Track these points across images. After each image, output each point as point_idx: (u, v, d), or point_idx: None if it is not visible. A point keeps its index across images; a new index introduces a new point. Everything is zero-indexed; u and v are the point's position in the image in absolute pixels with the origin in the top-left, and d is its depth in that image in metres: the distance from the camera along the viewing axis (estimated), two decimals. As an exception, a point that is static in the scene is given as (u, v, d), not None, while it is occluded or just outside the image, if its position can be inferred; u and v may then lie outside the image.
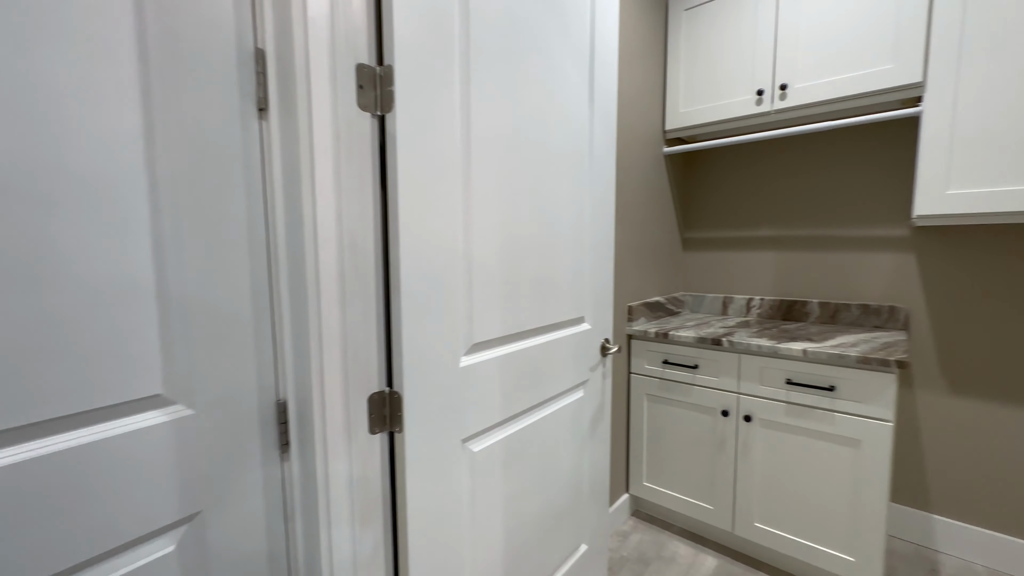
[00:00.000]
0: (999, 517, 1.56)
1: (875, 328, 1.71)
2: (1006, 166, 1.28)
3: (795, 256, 1.91)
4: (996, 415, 1.54)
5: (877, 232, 1.72)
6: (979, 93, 1.31)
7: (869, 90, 1.47)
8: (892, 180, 1.69)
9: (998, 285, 1.52)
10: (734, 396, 1.56)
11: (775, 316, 1.95)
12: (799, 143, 1.88)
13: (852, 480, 1.36)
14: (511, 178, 0.97)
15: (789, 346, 1.43)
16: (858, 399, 1.33)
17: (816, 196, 1.85)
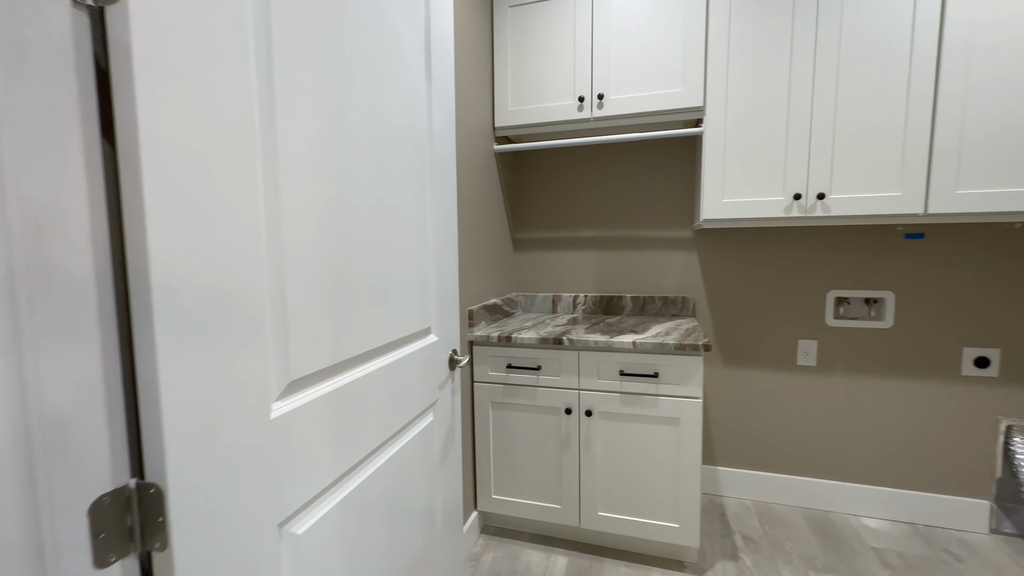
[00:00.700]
0: (759, 459, 1.98)
1: (673, 316, 1.99)
2: (760, 181, 1.60)
3: (611, 255, 2.09)
4: (755, 377, 1.95)
5: (672, 234, 2.01)
6: (740, 121, 1.61)
7: (666, 108, 1.67)
8: (683, 189, 1.99)
9: (751, 275, 1.93)
10: (576, 393, 1.59)
11: (597, 311, 2.10)
12: (615, 151, 2.06)
13: (674, 454, 1.51)
14: (338, 156, 0.72)
15: (621, 339, 1.52)
16: (676, 382, 1.49)
17: (628, 201, 2.06)
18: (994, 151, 1.40)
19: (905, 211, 1.48)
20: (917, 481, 1.81)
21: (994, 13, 1.37)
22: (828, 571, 1.55)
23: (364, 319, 0.82)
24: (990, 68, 1.39)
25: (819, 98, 1.52)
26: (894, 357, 1.80)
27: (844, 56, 1.49)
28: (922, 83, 1.44)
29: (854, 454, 1.86)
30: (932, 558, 1.60)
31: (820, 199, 1.54)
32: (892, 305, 1.78)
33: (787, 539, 1.71)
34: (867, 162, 1.50)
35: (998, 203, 1.41)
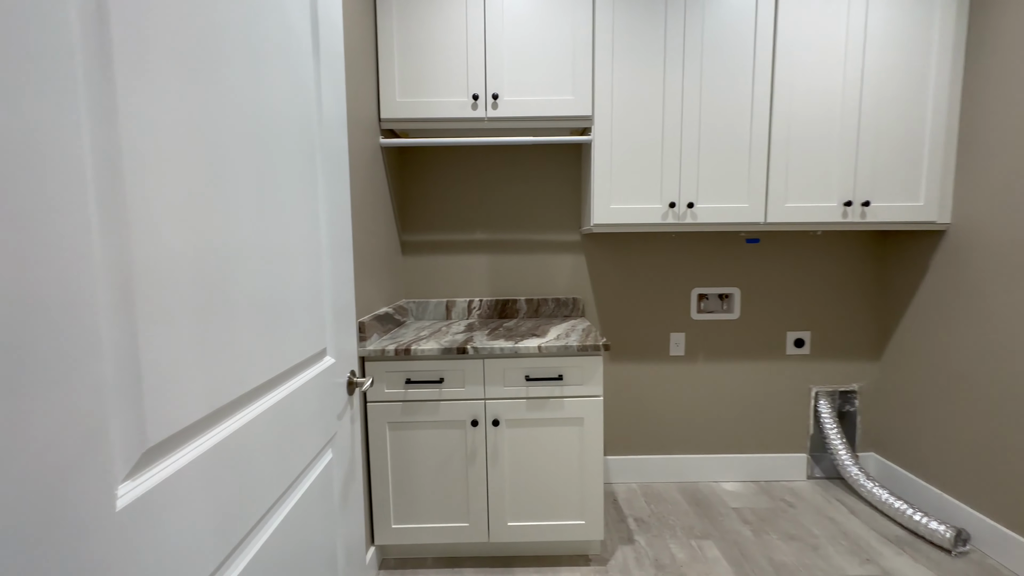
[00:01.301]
0: (641, 444, 2.15)
1: (566, 317, 2.05)
2: (641, 190, 1.73)
3: (505, 259, 2.07)
4: (635, 369, 2.12)
5: (562, 237, 2.07)
6: (624, 132, 1.72)
7: (558, 115, 1.70)
8: (572, 194, 2.06)
9: (631, 275, 2.09)
10: (481, 403, 1.52)
11: (493, 315, 2.06)
12: (510, 153, 2.04)
13: (579, 453, 1.55)
14: (211, 149, 0.54)
15: (527, 344, 1.50)
16: (579, 382, 1.52)
17: (521, 204, 2.06)
18: (808, 175, 1.74)
19: (752, 220, 1.75)
20: (757, 445, 2.16)
21: (804, 92, 1.70)
22: (706, 537, 1.75)
23: (249, 346, 0.63)
24: (806, 114, 1.71)
25: (687, 114, 1.71)
26: (741, 343, 2.12)
27: (706, 84, 1.70)
28: (761, 116, 1.71)
29: (713, 429, 2.15)
30: (774, 508, 1.93)
31: (690, 207, 1.73)
32: (739, 299, 2.10)
33: (670, 514, 1.90)
34: (724, 176, 1.73)
35: (811, 215, 1.75)
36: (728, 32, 1.68)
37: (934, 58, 1.70)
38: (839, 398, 2.16)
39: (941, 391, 1.82)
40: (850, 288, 2.10)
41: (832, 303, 2.11)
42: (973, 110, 1.68)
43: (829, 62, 1.70)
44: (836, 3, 1.67)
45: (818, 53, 1.69)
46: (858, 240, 2.08)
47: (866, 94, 1.71)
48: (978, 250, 1.67)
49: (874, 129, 1.72)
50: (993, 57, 1.61)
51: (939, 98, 1.72)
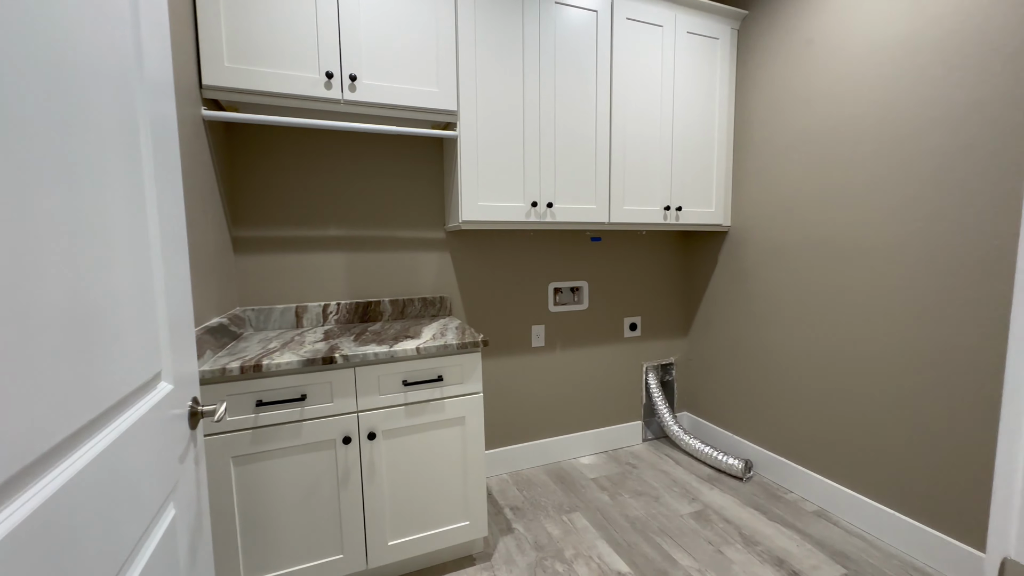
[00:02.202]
0: (510, 435, 2.23)
1: (434, 317, 1.99)
2: (506, 188, 1.79)
3: (366, 257, 1.90)
4: (501, 363, 2.19)
5: (427, 234, 2.00)
6: (490, 130, 1.75)
7: (423, 106, 1.64)
8: (435, 189, 2.00)
9: (495, 272, 2.14)
10: (354, 417, 1.36)
11: (354, 319, 1.88)
12: (369, 143, 1.87)
13: (462, 453, 1.52)
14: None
15: (403, 347, 1.40)
16: (459, 381, 1.49)
17: (382, 199, 1.91)
18: (639, 183, 2.04)
19: (599, 219, 1.97)
20: (605, 419, 2.45)
21: (634, 107, 1.99)
22: (573, 510, 1.90)
23: (55, 380, 0.44)
24: (636, 131, 2.00)
25: (545, 118, 1.83)
26: (589, 330, 2.37)
27: (559, 92, 1.84)
28: (603, 129, 1.93)
29: (570, 410, 2.36)
30: (623, 472, 2.22)
31: (550, 207, 1.86)
32: (587, 291, 2.35)
33: (541, 496, 2.01)
34: (577, 179, 1.91)
35: (642, 216, 2.06)
36: (576, 49, 1.85)
37: (716, 95, 2.17)
38: (661, 370, 2.60)
39: (727, 356, 2.35)
40: (666, 278, 2.54)
41: (655, 291, 2.52)
42: (740, 140, 2.21)
43: (650, 91, 2.01)
44: (653, 45, 2.00)
45: (643, 82, 1.99)
46: (671, 239, 2.53)
47: (676, 121, 2.08)
48: (747, 246, 2.20)
49: (682, 150, 2.11)
50: (749, 100, 2.14)
51: (721, 128, 2.20)
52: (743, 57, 2.17)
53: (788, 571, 1.54)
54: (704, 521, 1.82)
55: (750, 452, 2.23)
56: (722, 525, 1.79)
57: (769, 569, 1.55)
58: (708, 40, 2.12)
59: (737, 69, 2.21)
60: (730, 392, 2.35)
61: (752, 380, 2.21)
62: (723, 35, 2.15)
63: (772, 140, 2.05)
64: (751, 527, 1.78)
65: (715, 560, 1.60)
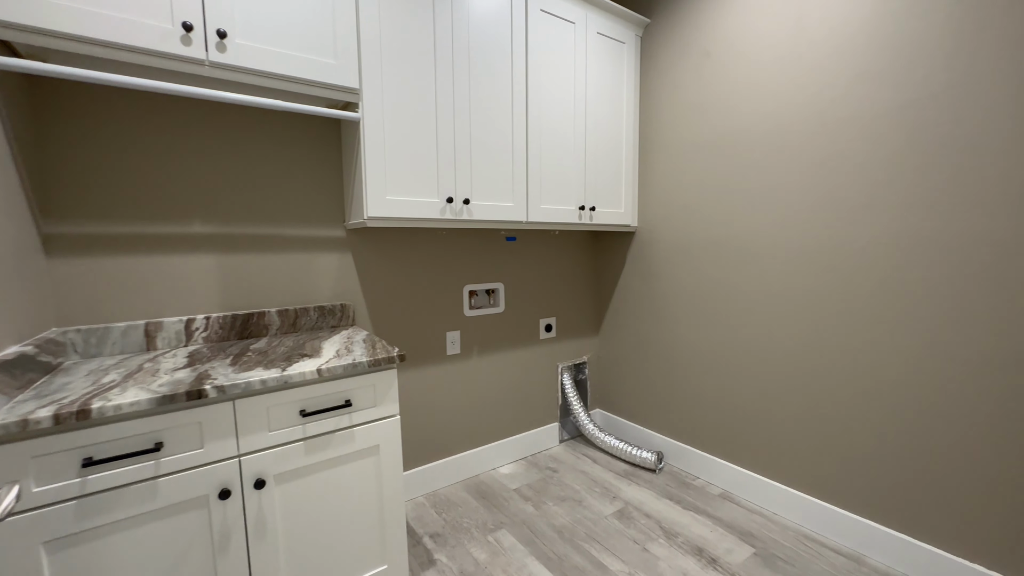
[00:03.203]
0: (423, 453, 2.03)
1: (334, 328, 1.71)
2: (418, 182, 1.60)
3: (243, 259, 1.56)
4: (414, 376, 1.98)
5: (323, 232, 1.71)
6: (398, 118, 1.54)
7: (317, 79, 1.37)
8: (333, 180, 1.72)
9: (406, 275, 1.93)
10: (235, 463, 1.07)
11: (230, 336, 1.53)
12: (250, 119, 1.53)
13: (377, 487, 1.30)
14: None
15: (299, 369, 1.14)
16: (371, 404, 1.27)
17: (268, 189, 1.58)
18: (556, 182, 1.99)
19: (517, 218, 1.87)
20: (524, 423, 2.38)
21: (550, 103, 1.93)
22: (500, 527, 1.78)
23: None
24: (551, 129, 1.95)
25: (459, 109, 1.67)
26: (506, 333, 2.27)
27: (474, 85, 1.70)
28: (520, 126, 1.84)
29: (487, 419, 2.24)
30: (544, 478, 2.16)
31: (466, 204, 1.71)
32: (503, 294, 2.24)
33: (462, 517, 1.85)
34: (494, 176, 1.79)
35: (559, 216, 2.01)
36: (492, 38, 1.73)
37: (624, 98, 2.22)
38: (575, 370, 2.61)
39: (637, 353, 2.43)
40: (579, 278, 2.56)
41: (568, 292, 2.51)
42: (645, 143, 2.29)
43: (565, 89, 1.97)
44: (566, 42, 1.96)
45: (557, 78, 1.95)
46: (582, 239, 2.55)
47: (589, 121, 2.07)
48: (653, 246, 2.29)
49: (594, 150, 2.12)
50: (653, 105, 2.23)
51: (628, 131, 2.26)
52: (646, 63, 2.25)
53: (707, 558, 1.60)
54: (627, 519, 1.83)
55: (661, 444, 2.33)
56: (644, 521, 1.82)
57: (691, 559, 1.60)
58: (616, 43, 2.16)
59: (641, 74, 2.28)
60: (640, 387, 2.43)
61: (660, 375, 2.31)
62: (629, 40, 2.20)
63: (674, 145, 2.15)
64: (669, 519, 1.83)
65: (642, 559, 1.60)
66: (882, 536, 1.57)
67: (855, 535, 1.63)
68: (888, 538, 1.55)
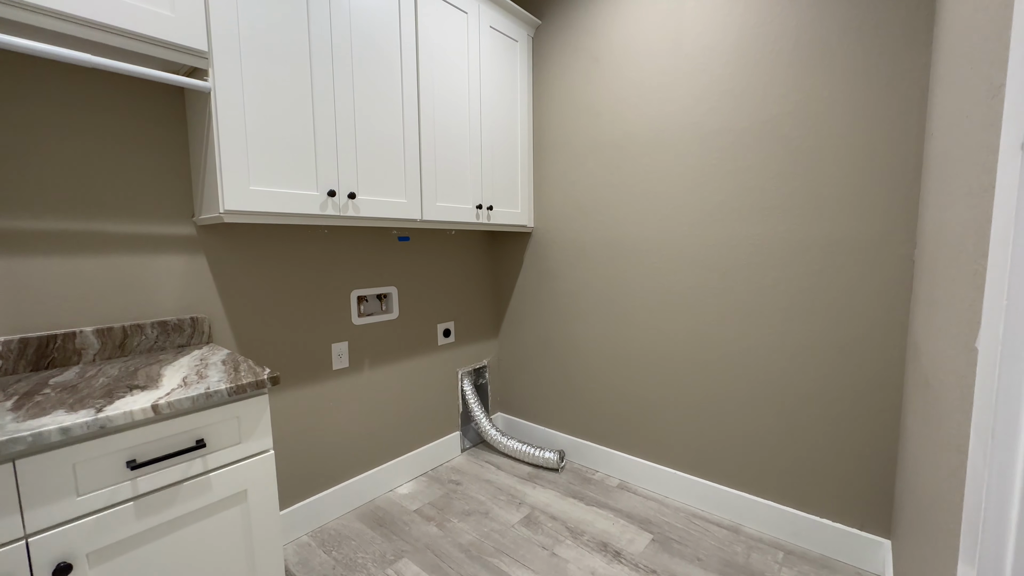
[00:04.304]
0: (304, 486, 1.76)
1: (182, 348, 1.38)
2: (292, 172, 1.36)
3: (41, 264, 1.17)
4: (291, 397, 1.71)
5: (163, 229, 1.37)
6: (262, 96, 1.29)
7: (142, 32, 1.07)
8: (178, 164, 1.38)
9: (278, 280, 1.65)
10: (19, 547, 0.77)
11: (19, 368, 1.13)
12: (48, 78, 1.13)
13: (245, 543, 1.05)
14: None
15: (126, 407, 0.86)
16: (235, 441, 1.03)
17: (72, 169, 1.20)
18: (452, 179, 1.88)
19: (410, 216, 1.72)
20: (421, 437, 2.22)
21: (443, 95, 1.81)
22: (400, 556, 1.61)
23: None
24: (446, 126, 1.83)
25: (340, 102, 1.47)
26: (401, 341, 2.10)
27: (357, 72, 1.51)
28: (411, 118, 1.69)
29: (382, 436, 2.04)
30: (447, 493, 2.03)
31: (352, 199, 1.51)
32: (397, 298, 2.06)
33: (356, 552, 1.64)
34: (383, 170, 1.61)
35: (456, 214, 1.91)
36: (376, 14, 1.56)
37: (518, 98, 2.20)
38: (475, 374, 2.52)
39: (535, 354, 2.43)
40: (476, 280, 2.47)
41: (466, 294, 2.41)
42: (539, 143, 2.29)
43: (458, 80, 1.87)
44: (459, 31, 1.86)
45: (450, 68, 1.84)
46: (478, 239, 2.47)
47: (484, 117, 2.00)
48: (549, 246, 2.31)
49: (490, 150, 2.05)
50: (545, 106, 2.24)
51: (523, 131, 2.24)
52: (538, 64, 2.25)
53: (612, 552, 1.63)
54: (534, 525, 1.79)
55: (562, 442, 2.35)
56: (550, 524, 1.80)
57: (598, 557, 1.61)
58: (509, 40, 2.12)
59: (534, 75, 2.28)
60: (540, 388, 2.43)
61: (559, 373, 2.34)
62: (521, 38, 2.18)
63: (567, 146, 2.18)
64: (574, 518, 1.84)
65: (552, 565, 1.57)
66: (756, 506, 1.75)
67: (733, 508, 1.81)
68: (760, 506, 1.74)
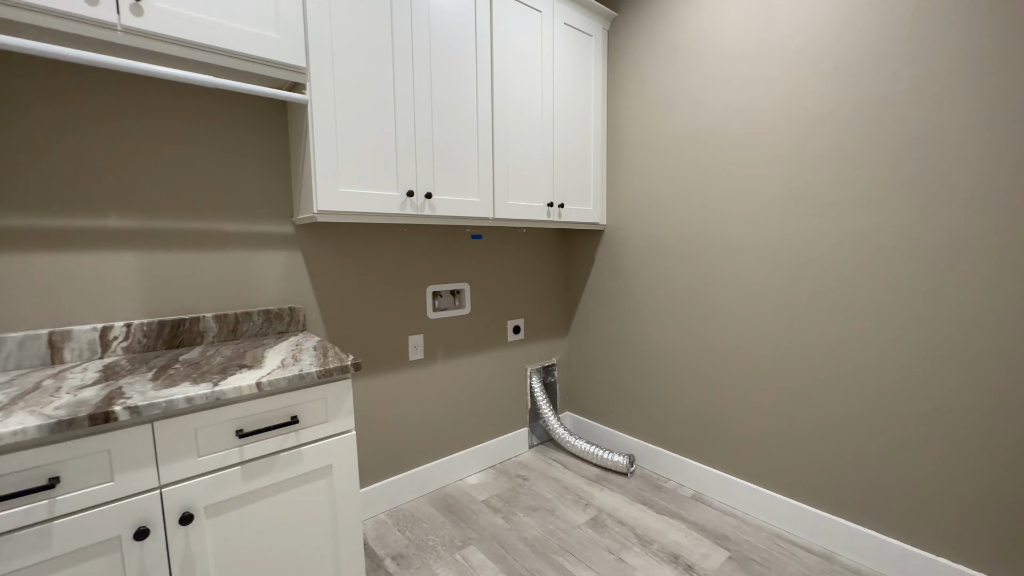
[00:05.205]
0: (383, 467, 1.89)
1: (282, 334, 1.55)
2: (375, 174, 1.47)
3: (173, 258, 1.38)
4: (373, 384, 1.83)
5: (267, 228, 1.54)
6: (351, 104, 1.40)
7: (256, 54, 1.22)
8: (281, 170, 1.55)
9: (363, 275, 1.78)
10: (155, 495, 0.91)
11: (156, 346, 1.34)
12: (174, 97, 1.34)
13: (331, 512, 1.16)
14: None
15: (235, 383, 0.99)
16: (323, 420, 1.13)
17: (201, 178, 1.40)
18: (523, 177, 1.90)
19: (483, 214, 1.77)
20: (491, 430, 2.27)
21: (516, 95, 1.84)
22: (468, 543, 1.67)
23: None
24: (518, 124, 1.85)
25: (419, 107, 1.55)
26: (473, 336, 2.16)
27: (436, 77, 1.58)
28: (485, 119, 1.73)
29: (454, 427, 2.12)
30: (514, 487, 2.06)
31: (428, 198, 1.59)
32: (469, 295, 2.13)
33: (427, 534, 1.73)
34: (458, 170, 1.68)
35: (527, 212, 1.92)
36: (454, 20, 1.62)
37: (592, 93, 2.16)
38: (544, 372, 2.53)
39: (606, 354, 2.38)
40: (546, 278, 2.48)
41: (536, 292, 2.43)
42: (613, 139, 2.24)
43: (531, 79, 1.89)
44: (532, 30, 1.88)
45: (524, 68, 1.86)
46: (549, 237, 2.47)
47: (556, 115, 2.00)
48: (623, 244, 2.24)
49: (563, 145, 2.04)
50: (621, 100, 2.18)
51: (596, 126, 2.20)
52: (614, 57, 2.20)
53: (683, 565, 1.55)
54: (600, 528, 1.76)
55: (632, 446, 2.28)
56: (618, 529, 1.75)
57: (667, 568, 1.54)
58: (583, 35, 2.09)
59: (609, 69, 2.23)
60: (610, 389, 2.38)
61: (631, 376, 2.27)
62: (596, 32, 2.14)
63: (644, 141, 2.10)
64: (643, 525, 1.77)
65: (619, 570, 1.53)
66: (852, 533, 1.57)
67: (826, 533, 1.63)
68: (858, 535, 1.56)
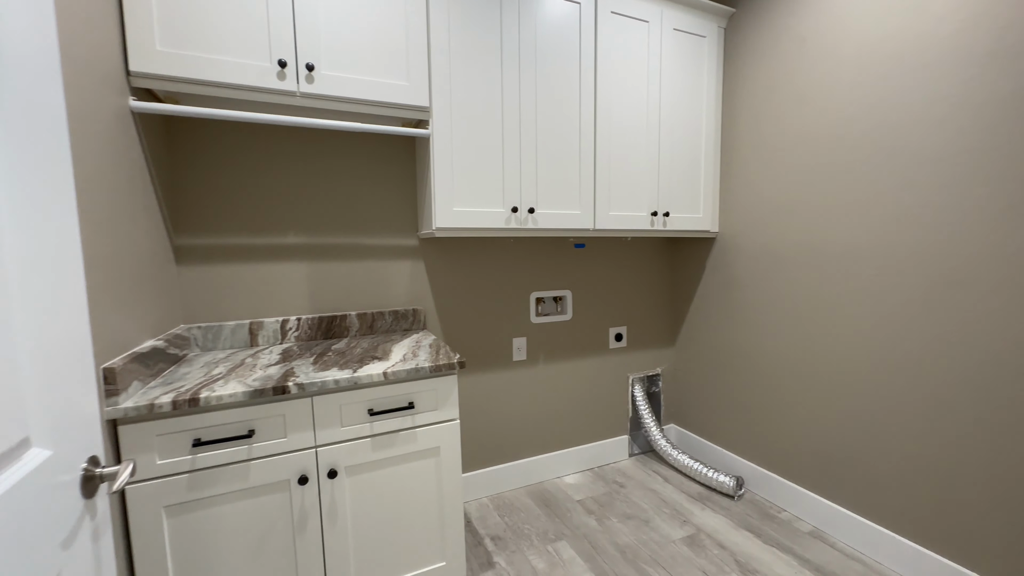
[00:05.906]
0: (489, 456, 2.08)
1: (406, 331, 1.83)
2: (484, 192, 1.65)
3: (329, 267, 1.73)
4: (480, 380, 2.04)
5: (397, 241, 1.83)
6: (465, 130, 1.60)
7: (392, 101, 1.48)
8: (407, 193, 1.84)
9: (473, 282, 1.99)
10: (312, 452, 1.20)
11: (316, 336, 1.70)
12: (331, 140, 1.70)
13: (437, 487, 1.36)
14: None
15: (368, 372, 1.24)
16: (432, 407, 1.34)
17: (347, 202, 1.74)
18: (625, 188, 1.92)
19: (584, 226, 1.84)
20: (590, 434, 2.33)
21: (620, 107, 1.87)
22: (559, 538, 1.77)
23: None
24: (621, 134, 1.89)
25: (525, 118, 1.69)
26: (574, 341, 2.25)
27: (541, 94, 1.71)
28: (587, 132, 1.81)
29: (553, 426, 2.23)
30: (610, 492, 2.09)
31: (531, 213, 1.72)
32: (571, 301, 2.22)
33: (524, 523, 1.87)
34: (560, 183, 1.78)
35: (628, 223, 1.94)
36: (558, 44, 1.73)
37: (703, 96, 2.08)
38: (648, 382, 2.50)
39: (716, 367, 2.26)
40: (652, 286, 2.44)
41: (640, 300, 2.41)
42: (728, 142, 2.12)
43: (636, 90, 1.90)
44: (639, 42, 1.89)
45: (628, 81, 1.88)
46: (656, 245, 2.43)
47: (663, 122, 1.98)
48: (736, 253, 2.12)
49: (669, 152, 2.01)
50: (737, 101, 2.06)
51: (708, 131, 2.11)
52: (730, 56, 2.09)
53: (789, 603, 1.44)
54: (697, 547, 1.71)
55: (740, 468, 2.14)
56: (716, 551, 1.68)
57: (769, 601, 1.45)
58: (695, 38, 2.03)
59: (724, 69, 2.12)
60: (719, 404, 2.26)
61: (743, 392, 2.13)
62: (710, 33, 2.06)
63: (762, 142, 1.96)
64: (746, 552, 1.67)
65: (712, 593, 1.49)
66: (1023, 608, 1.29)
67: (985, 602, 1.36)
68: (1032, 612, 1.27)
